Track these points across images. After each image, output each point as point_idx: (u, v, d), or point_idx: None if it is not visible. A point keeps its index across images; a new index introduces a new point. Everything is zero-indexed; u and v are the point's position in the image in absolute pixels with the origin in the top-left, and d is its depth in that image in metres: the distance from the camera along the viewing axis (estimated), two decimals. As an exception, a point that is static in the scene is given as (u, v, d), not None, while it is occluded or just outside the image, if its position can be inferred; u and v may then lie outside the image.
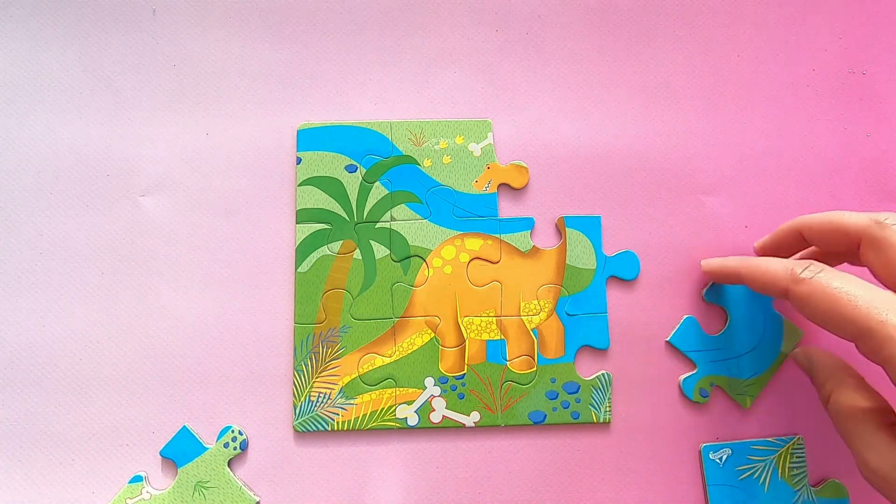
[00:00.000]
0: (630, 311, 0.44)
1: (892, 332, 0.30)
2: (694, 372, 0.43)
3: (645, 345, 0.44)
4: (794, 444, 0.43)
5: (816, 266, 0.34)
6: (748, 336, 0.44)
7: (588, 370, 0.44)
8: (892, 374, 0.31)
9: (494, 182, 0.45)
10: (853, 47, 0.48)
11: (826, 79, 0.47)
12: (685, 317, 0.44)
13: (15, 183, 0.44)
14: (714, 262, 0.42)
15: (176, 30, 0.46)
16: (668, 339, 0.44)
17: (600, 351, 0.44)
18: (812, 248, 0.40)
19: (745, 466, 0.43)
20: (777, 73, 0.47)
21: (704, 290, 0.44)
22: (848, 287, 0.32)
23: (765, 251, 0.42)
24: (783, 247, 0.41)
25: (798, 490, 0.43)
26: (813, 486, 0.43)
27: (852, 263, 0.39)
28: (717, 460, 0.43)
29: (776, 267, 0.36)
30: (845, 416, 0.35)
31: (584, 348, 0.44)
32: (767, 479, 0.43)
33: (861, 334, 0.31)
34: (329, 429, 0.42)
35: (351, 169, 0.45)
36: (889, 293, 0.32)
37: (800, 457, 0.43)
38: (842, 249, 0.37)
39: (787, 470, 0.43)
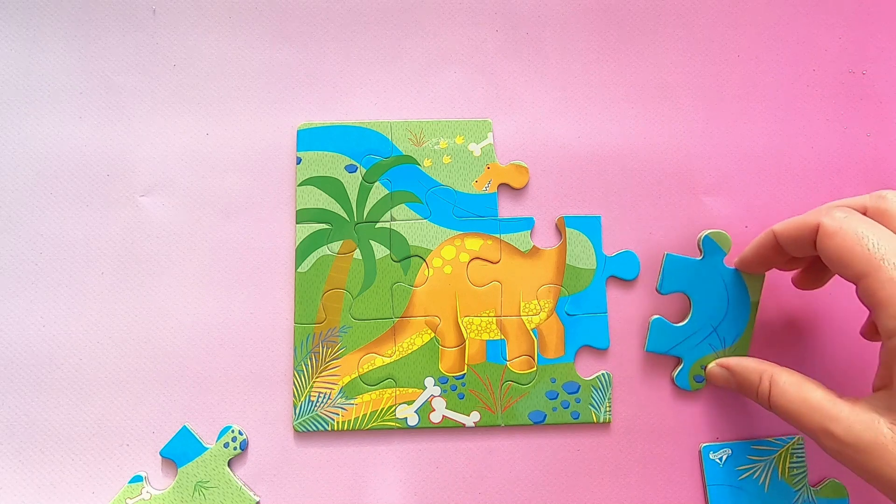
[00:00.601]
0: (630, 311, 0.44)
1: (893, 275, 0.31)
2: (681, 366, 0.43)
3: (645, 345, 0.44)
4: (794, 444, 0.43)
5: (851, 210, 0.35)
6: (716, 306, 0.43)
7: (588, 370, 0.44)
8: (882, 319, 0.32)
9: (494, 182, 0.45)
10: (853, 47, 0.48)
11: (826, 79, 0.47)
12: (652, 319, 0.44)
13: (15, 183, 0.44)
14: (745, 252, 0.42)
15: (176, 30, 0.46)
16: (645, 348, 0.44)
17: (600, 351, 0.44)
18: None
19: (745, 466, 0.43)
20: (777, 73, 0.47)
21: (657, 285, 0.44)
22: (874, 230, 0.33)
23: (744, 263, 0.42)
24: (761, 258, 0.41)
25: (798, 490, 0.43)
26: (813, 486, 0.43)
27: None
28: (717, 460, 0.43)
29: (808, 213, 0.37)
30: (795, 399, 0.36)
31: (584, 348, 0.44)
32: (767, 479, 0.43)
33: (867, 272, 0.32)
34: (329, 429, 0.42)
35: (351, 169, 0.45)
36: None
37: (800, 457, 0.43)
38: (807, 248, 0.37)
39: (787, 470, 0.43)
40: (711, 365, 0.42)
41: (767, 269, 0.42)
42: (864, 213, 0.36)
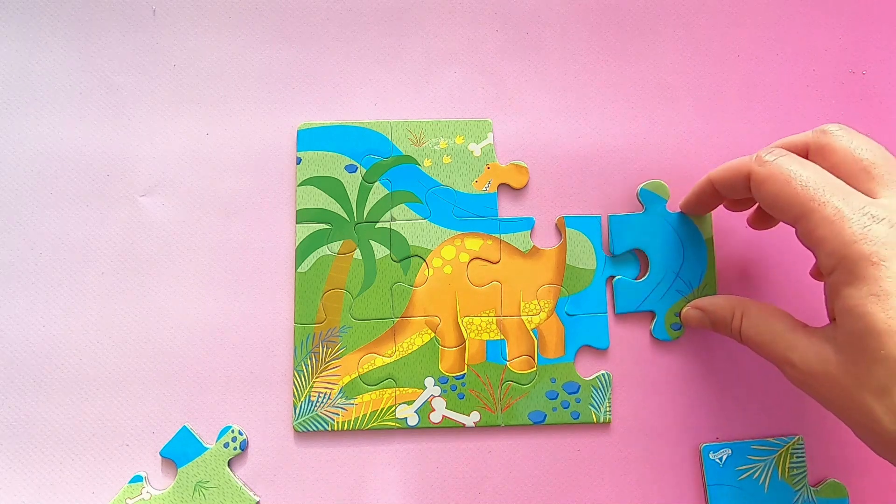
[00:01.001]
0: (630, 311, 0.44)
1: (829, 213, 0.31)
2: (656, 318, 0.44)
3: (645, 345, 0.44)
4: (794, 444, 0.43)
5: (780, 152, 0.35)
6: (672, 253, 0.44)
7: (588, 370, 0.44)
8: (820, 257, 0.32)
9: (494, 182, 0.45)
10: (853, 47, 0.48)
11: (826, 79, 0.47)
12: (614, 281, 0.44)
13: (15, 183, 0.44)
14: (687, 197, 0.43)
15: (176, 30, 0.46)
16: (615, 312, 0.44)
17: (600, 351, 0.44)
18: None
19: (745, 466, 0.43)
20: (777, 73, 0.47)
21: (609, 247, 0.44)
22: (801, 171, 0.33)
23: (687, 207, 0.43)
24: (702, 202, 0.42)
25: (798, 490, 0.43)
26: (813, 486, 0.43)
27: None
28: (717, 460, 0.43)
29: (741, 159, 0.37)
30: (762, 330, 0.37)
31: (584, 348, 0.44)
32: (767, 479, 0.43)
33: (802, 214, 0.32)
34: (329, 429, 0.42)
35: (351, 169, 0.45)
36: (840, 181, 0.33)
37: (800, 457, 0.43)
38: (743, 192, 0.37)
39: (787, 470, 0.43)
40: (685, 308, 0.43)
41: (711, 210, 0.43)
42: (807, 152, 0.36)
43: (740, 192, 0.37)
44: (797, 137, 0.37)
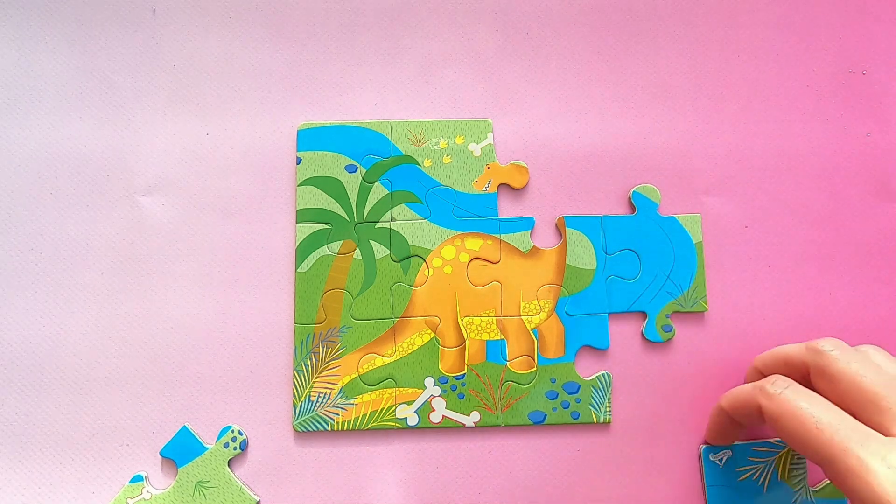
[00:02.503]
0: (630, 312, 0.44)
1: (853, 463, 0.30)
2: (647, 319, 0.44)
3: (645, 345, 0.44)
4: (794, 444, 0.43)
5: (783, 381, 0.35)
6: (663, 255, 0.44)
7: (588, 370, 0.44)
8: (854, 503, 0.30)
9: (494, 182, 0.45)
10: (853, 47, 0.48)
11: (826, 79, 0.47)
12: (606, 279, 0.44)
13: (15, 183, 0.44)
14: (708, 431, 0.42)
15: (176, 30, 0.46)
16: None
17: (600, 351, 0.44)
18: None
19: (745, 468, 0.43)
20: (777, 73, 0.47)
21: (604, 247, 0.44)
22: (813, 409, 0.32)
23: (714, 440, 0.42)
24: (725, 432, 0.41)
25: (797, 490, 0.43)
26: (812, 487, 0.43)
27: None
28: (718, 461, 0.43)
29: (748, 387, 0.37)
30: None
31: (584, 348, 0.44)
32: (767, 480, 0.43)
33: (824, 462, 0.31)
34: (329, 429, 0.42)
35: (351, 169, 0.45)
36: (852, 419, 0.32)
37: (801, 458, 0.43)
38: (760, 421, 0.37)
39: (787, 471, 0.43)
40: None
41: (738, 439, 0.42)
42: (806, 370, 0.35)
43: (757, 421, 0.37)
44: (792, 352, 0.37)
